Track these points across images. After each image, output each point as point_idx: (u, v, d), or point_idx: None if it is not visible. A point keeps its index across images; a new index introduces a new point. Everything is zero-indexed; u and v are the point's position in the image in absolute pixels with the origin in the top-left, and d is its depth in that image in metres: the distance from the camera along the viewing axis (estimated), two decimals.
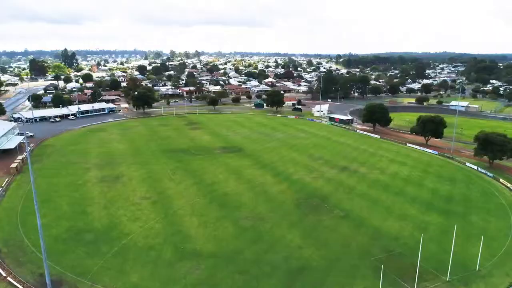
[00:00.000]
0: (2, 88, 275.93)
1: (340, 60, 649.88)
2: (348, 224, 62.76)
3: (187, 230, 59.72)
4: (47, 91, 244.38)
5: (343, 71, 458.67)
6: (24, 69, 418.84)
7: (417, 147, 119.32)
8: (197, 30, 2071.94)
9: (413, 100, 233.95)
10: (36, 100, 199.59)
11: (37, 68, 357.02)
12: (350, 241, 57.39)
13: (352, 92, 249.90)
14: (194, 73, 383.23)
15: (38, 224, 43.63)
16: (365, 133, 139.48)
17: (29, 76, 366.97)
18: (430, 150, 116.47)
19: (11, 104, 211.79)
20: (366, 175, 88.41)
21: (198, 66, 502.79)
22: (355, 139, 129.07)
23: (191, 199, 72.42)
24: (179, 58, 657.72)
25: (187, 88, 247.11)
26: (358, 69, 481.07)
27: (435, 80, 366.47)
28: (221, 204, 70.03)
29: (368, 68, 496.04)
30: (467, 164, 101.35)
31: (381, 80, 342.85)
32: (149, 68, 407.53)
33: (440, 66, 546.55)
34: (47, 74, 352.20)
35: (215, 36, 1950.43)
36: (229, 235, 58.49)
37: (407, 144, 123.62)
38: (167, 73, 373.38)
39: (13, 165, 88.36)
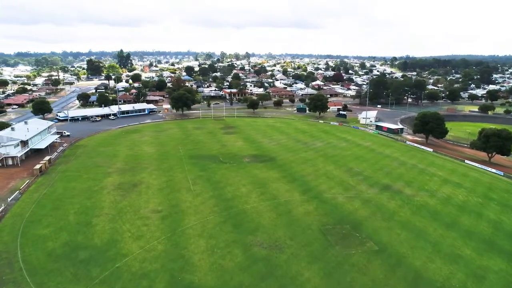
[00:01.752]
0: (59, 87, 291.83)
1: (396, 63, 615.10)
2: (382, 263, 51.52)
3: (190, 256, 52.27)
4: (97, 90, 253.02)
5: (398, 74, 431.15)
6: (83, 68, 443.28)
7: (477, 165, 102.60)
8: (249, 32, 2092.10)
9: (475, 108, 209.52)
10: (84, 99, 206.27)
11: (93, 68, 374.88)
12: (382, 287, 46.39)
13: (406, 97, 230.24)
14: (241, 74, 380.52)
15: None
16: (415, 145, 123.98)
17: (85, 76, 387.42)
18: (493, 170, 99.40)
19: (63, 102, 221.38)
20: (411, 198, 75.40)
21: (247, 67, 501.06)
22: (403, 152, 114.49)
23: (205, 215, 65.11)
24: (229, 60, 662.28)
25: (230, 90, 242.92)
26: (414, 73, 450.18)
27: (503, 86, 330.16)
28: (236, 225, 61.88)
29: (426, 72, 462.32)
30: None
31: (439, 85, 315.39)
32: (197, 69, 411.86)
33: (510, 70, 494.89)
34: (101, 74, 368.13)
35: (266, 38, 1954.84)
36: (237, 266, 50.07)
37: (466, 161, 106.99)
38: (214, 74, 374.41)
39: (37, 166, 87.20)
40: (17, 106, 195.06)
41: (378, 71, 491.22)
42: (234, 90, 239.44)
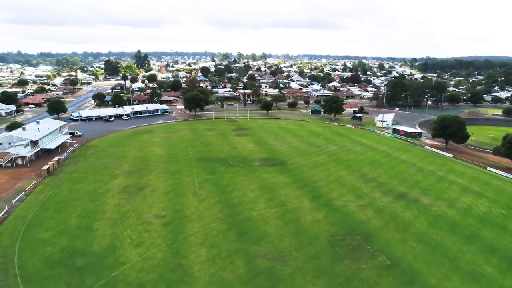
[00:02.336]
0: (77, 87, 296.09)
1: (416, 64, 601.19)
2: (394, 280, 47.80)
3: (190, 266, 49.83)
4: (113, 90, 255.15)
5: (418, 76, 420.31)
6: (101, 69, 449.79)
7: (501, 173, 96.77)
8: (266, 32, 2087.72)
9: (499, 112, 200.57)
10: (100, 99, 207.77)
11: (111, 68, 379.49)
12: None
13: (425, 100, 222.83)
14: (257, 75, 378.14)
15: None
16: (434, 150, 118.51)
17: (103, 76, 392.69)
18: None
19: (79, 102, 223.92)
20: (428, 208, 70.98)
21: (263, 68, 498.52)
22: (421, 157, 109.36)
23: (209, 222, 62.67)
24: (245, 61, 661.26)
25: (244, 91, 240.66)
26: (435, 74, 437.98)
27: None
28: (240, 233, 59.16)
29: (447, 73, 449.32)
30: None
31: (461, 87, 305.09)
32: (213, 69, 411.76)
33: None
34: (119, 74, 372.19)
35: (284, 38, 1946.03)
36: (237, 278, 47.32)
37: (488, 168, 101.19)
38: (229, 75, 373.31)
39: (45, 167, 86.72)
40: (34, 106, 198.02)
41: (397, 72, 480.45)
42: (248, 91, 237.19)
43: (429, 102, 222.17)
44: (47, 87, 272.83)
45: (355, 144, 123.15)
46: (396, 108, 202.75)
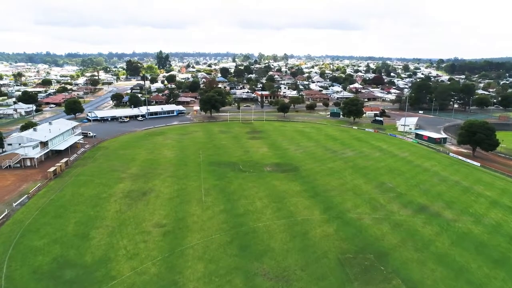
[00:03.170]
0: (98, 87, 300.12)
1: (442, 66, 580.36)
2: None
3: (184, 283, 46.07)
4: (133, 91, 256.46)
5: (444, 77, 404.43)
6: (124, 69, 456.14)
7: None
8: (288, 33, 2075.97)
9: None
10: (118, 99, 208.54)
11: (132, 68, 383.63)
12: None
13: (451, 103, 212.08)
14: (277, 76, 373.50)
15: None
16: (460, 158, 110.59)
17: (125, 76, 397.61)
18: None
19: (98, 102, 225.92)
20: (451, 224, 64.61)
21: (283, 69, 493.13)
22: (445, 165, 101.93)
23: (210, 233, 58.85)
24: (266, 61, 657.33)
25: (261, 92, 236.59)
26: (463, 76, 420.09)
27: None
28: (242, 246, 55.01)
29: (476, 75, 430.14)
30: None
31: (491, 90, 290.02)
32: (232, 70, 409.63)
33: None
34: (140, 75, 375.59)
35: (306, 39, 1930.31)
36: None
37: None
38: (249, 75, 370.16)
39: (51, 169, 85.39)
40: (54, 105, 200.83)
41: (422, 74, 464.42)
42: (265, 92, 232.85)
43: (455, 106, 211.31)
44: (69, 87, 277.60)
45: (374, 150, 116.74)
46: (420, 112, 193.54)
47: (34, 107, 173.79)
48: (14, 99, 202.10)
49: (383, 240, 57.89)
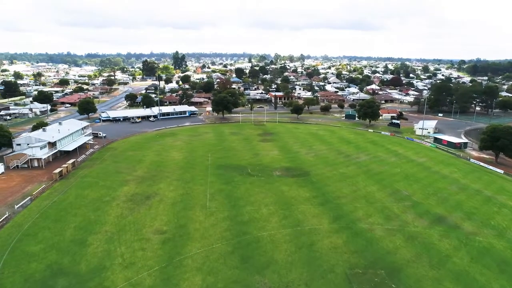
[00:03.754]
0: (114, 87, 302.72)
1: (464, 67, 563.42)
2: None
3: None
4: (147, 91, 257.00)
5: (466, 79, 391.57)
6: (140, 69, 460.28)
7: None
8: (306, 33, 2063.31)
9: None
10: (132, 100, 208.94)
11: (148, 68, 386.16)
12: None
13: (473, 106, 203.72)
14: (292, 77, 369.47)
15: None
16: (481, 164, 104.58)
17: (141, 76, 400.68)
18: None
19: (113, 102, 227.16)
20: (471, 237, 59.93)
21: (299, 70, 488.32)
22: (465, 172, 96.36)
23: (212, 242, 56.11)
24: (282, 62, 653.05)
25: (275, 93, 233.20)
26: (485, 78, 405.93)
27: None
28: (244, 258, 52.02)
29: (500, 77, 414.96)
30: None
31: None
32: (248, 71, 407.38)
33: None
34: (155, 75, 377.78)
35: (324, 39, 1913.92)
36: None
37: None
38: (264, 76, 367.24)
39: (57, 170, 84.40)
40: (69, 105, 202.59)
41: (443, 75, 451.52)
42: (279, 93, 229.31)
43: (477, 109, 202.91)
44: (85, 87, 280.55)
45: (389, 155, 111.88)
46: (440, 115, 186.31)
47: (49, 107, 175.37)
48: (31, 99, 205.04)
49: (395, 254, 53.87)
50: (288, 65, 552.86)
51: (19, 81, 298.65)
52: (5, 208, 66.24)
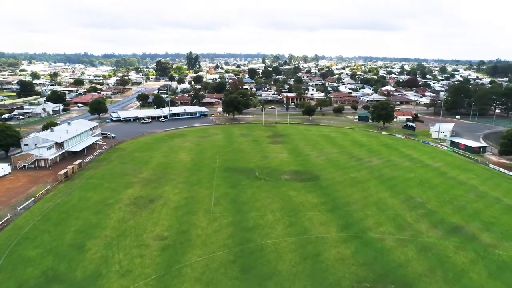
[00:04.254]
0: (127, 87, 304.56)
1: (483, 67, 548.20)
2: None
3: None
4: (160, 91, 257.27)
5: (485, 80, 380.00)
6: (154, 69, 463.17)
7: None
8: (321, 34, 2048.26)
9: None
10: (144, 100, 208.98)
11: (161, 69, 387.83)
12: None
13: (493, 108, 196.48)
14: (306, 77, 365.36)
15: None
16: (501, 170, 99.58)
17: (154, 76, 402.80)
18: None
19: (125, 102, 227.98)
20: (489, 250, 56.09)
21: (313, 70, 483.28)
22: (484, 178, 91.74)
23: (213, 250, 53.91)
24: (296, 62, 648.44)
25: (287, 94, 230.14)
26: (506, 79, 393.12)
27: None
28: (245, 268, 49.62)
29: None
30: None
31: None
32: (261, 71, 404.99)
33: None
34: (168, 75, 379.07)
35: (338, 40, 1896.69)
36: None
37: None
38: (277, 77, 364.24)
39: (62, 171, 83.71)
40: (82, 105, 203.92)
41: (461, 76, 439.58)
42: (291, 94, 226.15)
43: (497, 111, 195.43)
44: (99, 86, 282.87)
45: (403, 159, 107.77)
46: (457, 117, 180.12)
47: (61, 106, 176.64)
48: (44, 98, 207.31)
49: (407, 267, 50.59)
50: (302, 66, 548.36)
51: (35, 81, 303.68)
52: (8, 210, 65.52)
